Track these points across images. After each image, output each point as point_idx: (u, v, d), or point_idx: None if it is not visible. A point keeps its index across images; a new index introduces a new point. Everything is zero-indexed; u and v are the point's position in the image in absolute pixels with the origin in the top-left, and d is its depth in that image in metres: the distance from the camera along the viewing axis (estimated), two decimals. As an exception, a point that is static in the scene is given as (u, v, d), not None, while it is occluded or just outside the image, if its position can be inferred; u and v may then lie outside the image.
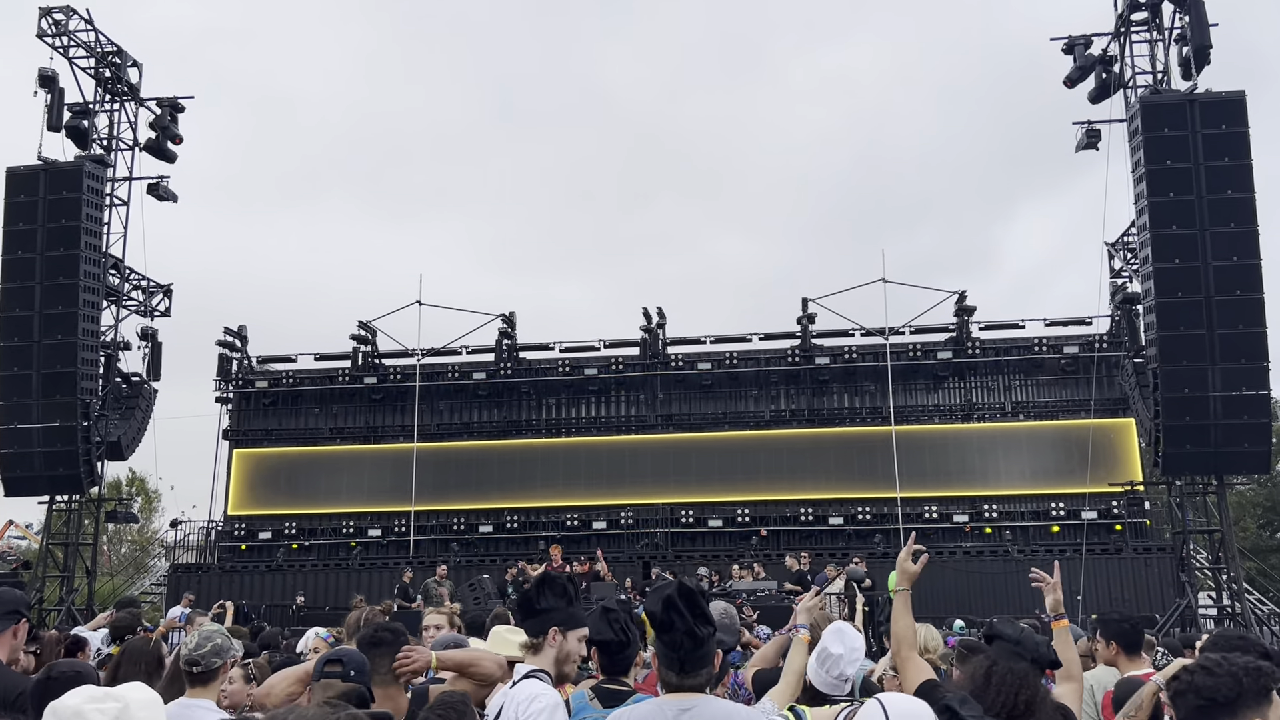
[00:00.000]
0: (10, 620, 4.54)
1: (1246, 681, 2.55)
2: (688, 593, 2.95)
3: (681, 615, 2.91)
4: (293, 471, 26.29)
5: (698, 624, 2.92)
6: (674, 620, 2.92)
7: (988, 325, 25.31)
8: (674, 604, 2.93)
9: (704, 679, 2.97)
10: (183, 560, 26.03)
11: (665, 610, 2.94)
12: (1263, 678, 2.57)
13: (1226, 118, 18.73)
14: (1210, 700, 2.53)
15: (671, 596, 2.94)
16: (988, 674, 3.43)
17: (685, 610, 2.92)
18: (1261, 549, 35.68)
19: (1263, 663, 2.68)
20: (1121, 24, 21.14)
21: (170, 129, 23.47)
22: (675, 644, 2.93)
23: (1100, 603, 20.29)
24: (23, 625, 4.67)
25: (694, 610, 2.93)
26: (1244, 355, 18.32)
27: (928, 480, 24.00)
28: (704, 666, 2.97)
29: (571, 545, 24.01)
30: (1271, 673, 2.63)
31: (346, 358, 27.04)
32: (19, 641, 4.71)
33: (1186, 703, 2.57)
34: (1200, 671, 2.61)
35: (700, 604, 2.96)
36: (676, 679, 2.96)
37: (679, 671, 2.95)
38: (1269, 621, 20.85)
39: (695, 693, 2.95)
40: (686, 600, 2.93)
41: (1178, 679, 2.65)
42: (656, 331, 25.67)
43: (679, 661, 2.94)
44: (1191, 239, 18.49)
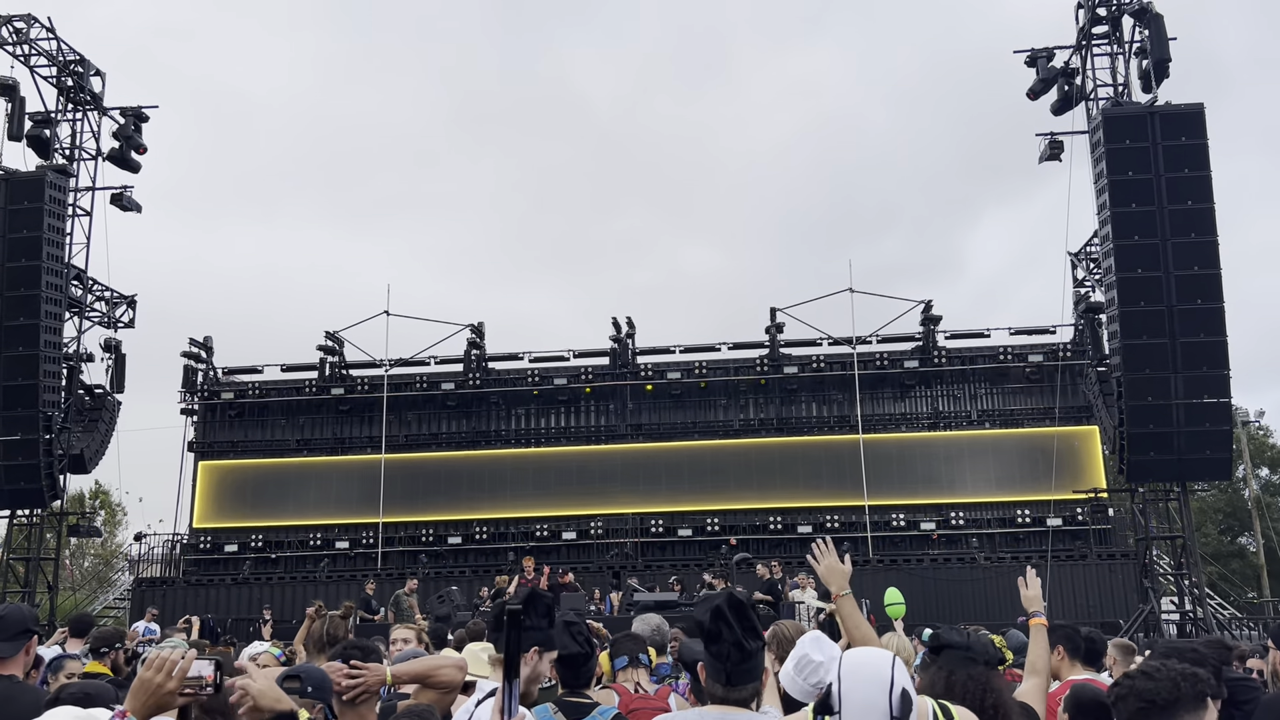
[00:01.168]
0: (23, 639, 4.50)
1: (1184, 686, 2.66)
2: (737, 604, 2.90)
3: (730, 626, 2.86)
4: (259, 484, 26.02)
5: (746, 636, 2.87)
6: (722, 631, 2.87)
7: (953, 334, 25.57)
8: (723, 614, 2.88)
9: (750, 693, 2.91)
10: (147, 574, 25.67)
11: (714, 620, 2.88)
12: (1199, 684, 2.69)
13: (1186, 130, 19.06)
14: (1149, 703, 2.65)
15: (721, 607, 2.89)
16: (948, 683, 3.47)
17: (734, 621, 2.87)
18: (1222, 554, 36.22)
19: (1199, 669, 2.80)
20: (1083, 37, 21.47)
21: (134, 138, 23.23)
22: (723, 655, 2.88)
23: (1066, 609, 20.53)
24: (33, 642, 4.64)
25: (743, 622, 2.88)
26: (1205, 363, 18.61)
27: (895, 488, 24.16)
28: (751, 680, 2.91)
29: (541, 556, 23.94)
30: (1207, 679, 2.74)
31: (313, 368, 26.83)
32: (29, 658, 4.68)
33: (1128, 706, 2.68)
34: (1140, 676, 2.72)
35: (749, 616, 2.90)
36: (723, 691, 2.90)
37: (725, 684, 2.89)
38: (1230, 625, 21.17)
39: (740, 707, 2.90)
40: (736, 611, 2.88)
41: (1119, 684, 2.76)
42: (626, 341, 25.69)
43: (726, 673, 2.89)
44: (1153, 249, 18.77)
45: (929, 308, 25.20)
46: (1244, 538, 37.66)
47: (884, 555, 23.27)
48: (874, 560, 22.95)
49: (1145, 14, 20.00)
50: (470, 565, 24.46)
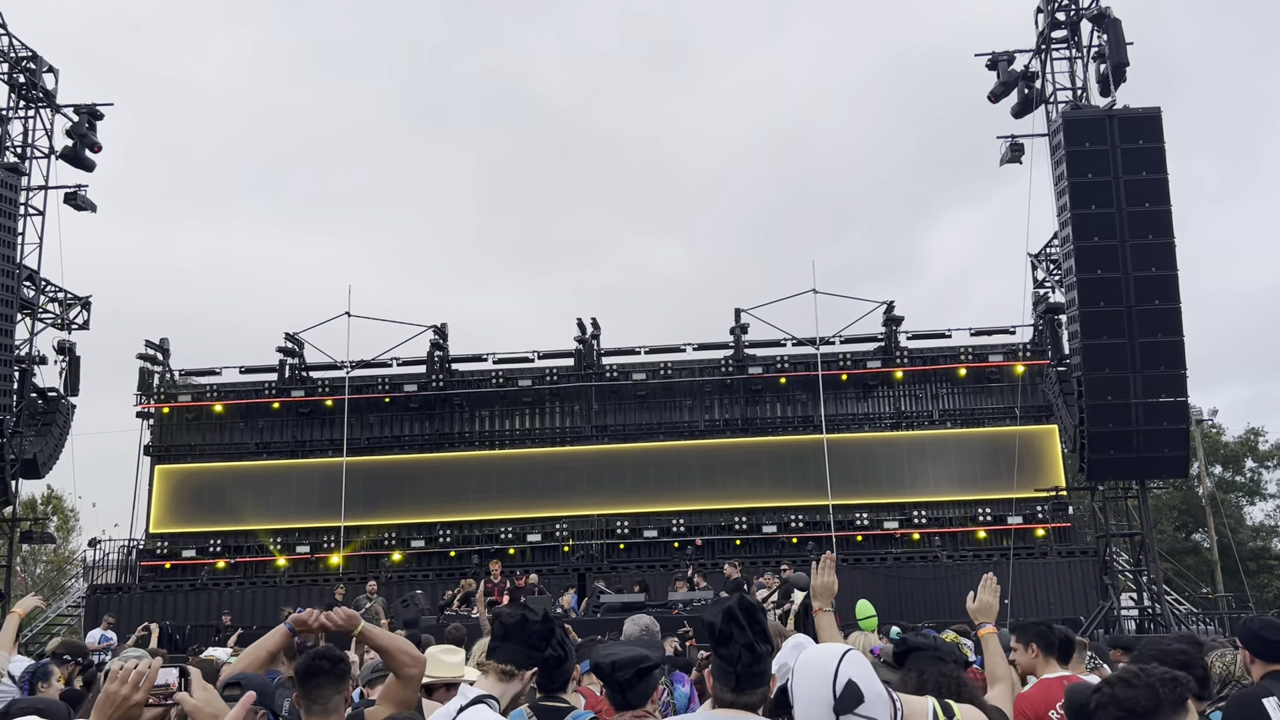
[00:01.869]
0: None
1: (1164, 692, 2.64)
2: (748, 607, 2.87)
3: (742, 629, 2.83)
4: (217, 488, 25.60)
5: (757, 640, 2.85)
6: (733, 633, 2.84)
7: (915, 335, 25.77)
8: (734, 616, 2.84)
9: (758, 698, 2.88)
10: (102, 581, 25.17)
11: (725, 622, 2.85)
12: (1179, 688, 2.67)
13: (1143, 133, 19.37)
14: (1129, 711, 2.62)
15: (732, 609, 2.85)
16: (920, 683, 3.46)
17: (745, 624, 2.84)
18: (1178, 551, 36.86)
19: (1178, 673, 2.78)
20: (1042, 41, 21.75)
21: (88, 136, 22.79)
22: (733, 658, 2.84)
23: (1027, 606, 20.77)
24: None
25: (754, 625, 2.86)
26: (1163, 363, 18.92)
27: (859, 488, 24.30)
28: (760, 685, 2.88)
29: (506, 559, 23.82)
30: (1187, 682, 2.72)
31: (273, 370, 26.46)
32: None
33: (1108, 714, 2.66)
34: (1120, 684, 2.70)
35: (761, 619, 2.87)
36: (731, 695, 2.87)
37: (734, 688, 2.86)
38: (1187, 620, 21.51)
39: (748, 711, 2.87)
40: (747, 614, 2.86)
41: (1099, 691, 2.74)
42: (591, 342, 25.61)
43: (735, 677, 2.85)
44: (1112, 250, 19.05)
45: (891, 308, 25.39)
46: (1198, 534, 38.36)
47: (848, 555, 23.37)
48: (838, 559, 23.00)
49: (1103, 19, 20.31)
50: (434, 569, 24.25)
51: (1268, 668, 4.89)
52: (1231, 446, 39.84)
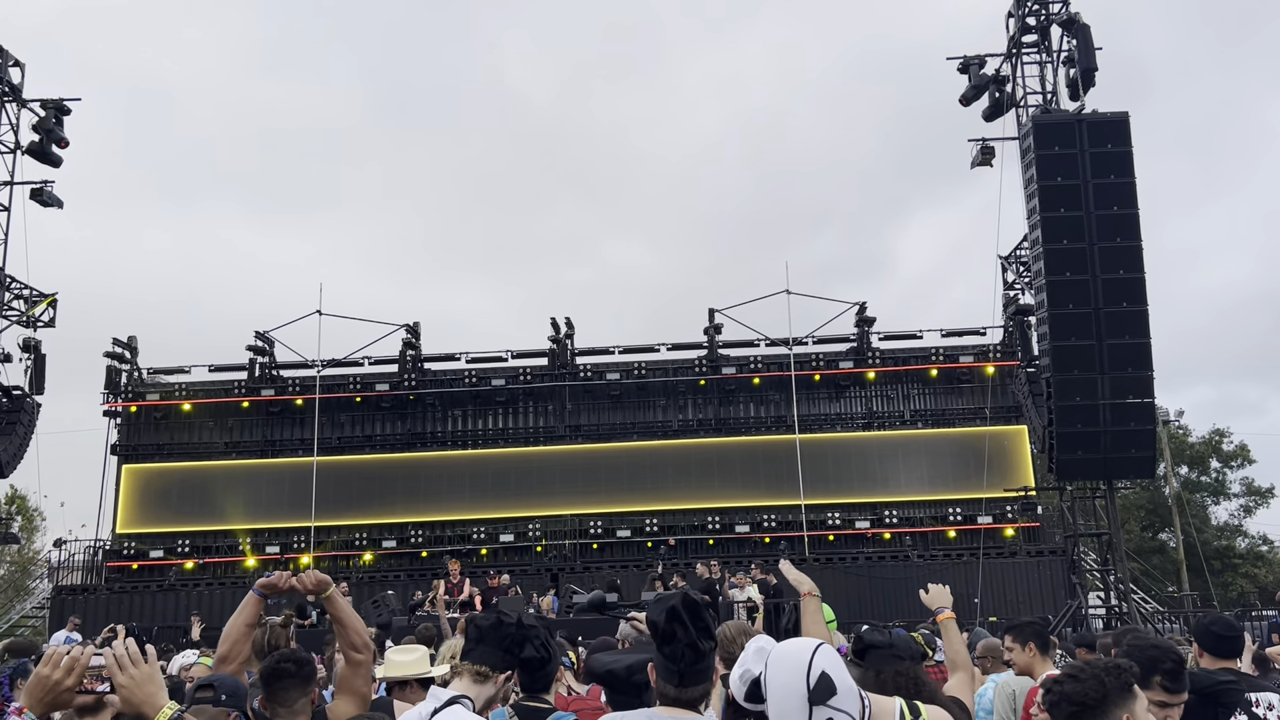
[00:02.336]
0: None
1: (1109, 682, 2.72)
2: (692, 604, 2.90)
3: (685, 627, 2.86)
4: (186, 487, 25.33)
5: (700, 637, 2.87)
6: (676, 631, 2.86)
7: (887, 335, 25.93)
8: (678, 615, 2.87)
9: (700, 693, 2.92)
10: (67, 582, 24.85)
11: (669, 621, 2.88)
12: (1123, 675, 2.76)
13: (1112, 137, 19.58)
14: (1081, 705, 2.70)
15: (676, 607, 2.88)
16: (878, 681, 3.50)
17: (689, 622, 2.87)
18: (1144, 550, 37.30)
19: (1120, 660, 2.90)
20: (1013, 46, 21.95)
21: (55, 131, 22.47)
22: (676, 656, 2.87)
23: (997, 605, 20.96)
24: None
25: (697, 622, 2.88)
26: (1130, 364, 19.13)
27: (831, 487, 24.42)
28: (703, 681, 2.91)
29: (478, 560, 23.76)
30: (1130, 668, 2.82)
31: (243, 369, 26.23)
32: None
33: (1061, 711, 2.74)
34: (1068, 680, 2.78)
35: (704, 616, 2.91)
36: (675, 691, 2.90)
37: (678, 685, 2.89)
38: (1153, 619, 21.78)
39: (690, 709, 2.90)
40: (691, 611, 2.88)
41: (1050, 690, 2.82)
42: (565, 342, 25.58)
43: (678, 674, 2.88)
44: (1081, 253, 19.25)
45: (863, 309, 25.54)
46: (1165, 534, 38.83)
47: (820, 554, 23.50)
48: (810, 559, 23.15)
49: (1073, 24, 20.53)
50: (405, 569, 24.13)
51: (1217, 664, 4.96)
52: (1197, 447, 40.36)
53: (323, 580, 4.03)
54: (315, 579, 4.02)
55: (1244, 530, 39.96)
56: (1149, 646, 3.85)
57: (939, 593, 4.60)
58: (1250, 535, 39.98)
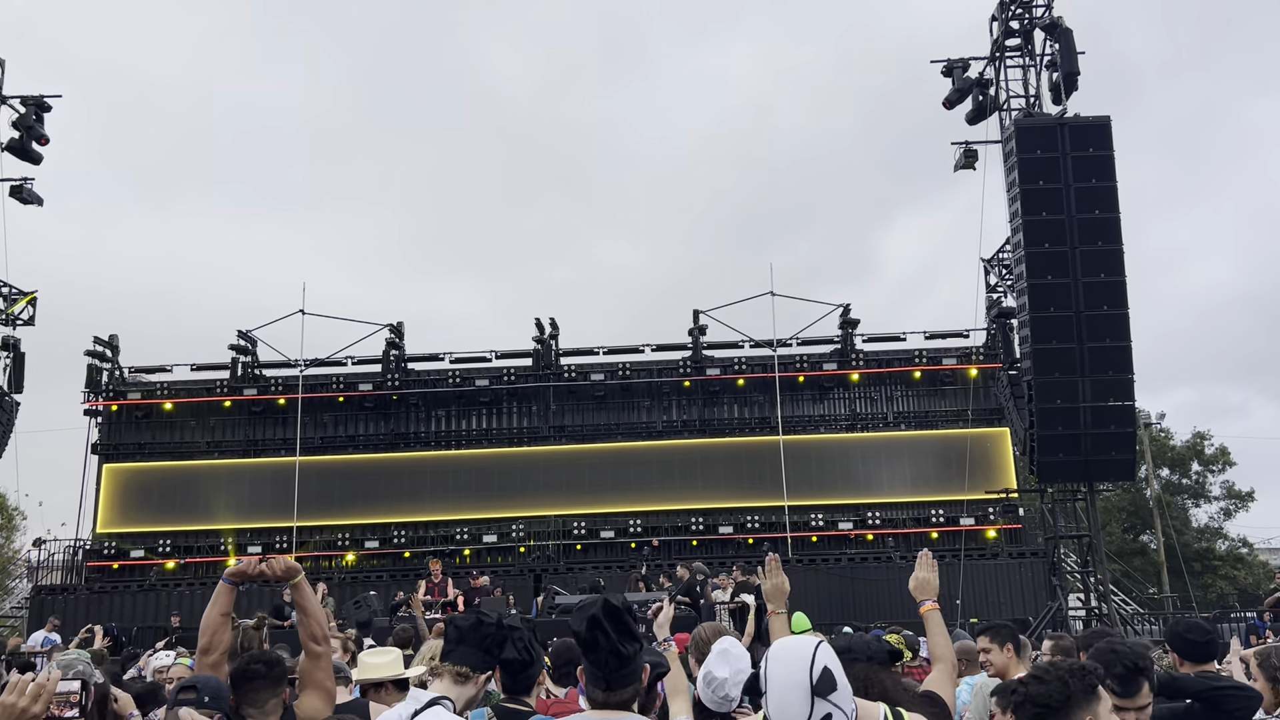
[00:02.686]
0: None
1: (1073, 684, 2.74)
2: (613, 610, 2.94)
3: (606, 634, 2.91)
4: (167, 487, 25.20)
5: (623, 641, 2.92)
6: (598, 639, 2.91)
7: (871, 337, 26.02)
8: (599, 622, 2.92)
9: (629, 695, 2.99)
10: (47, 581, 24.67)
11: (590, 629, 2.93)
12: (1087, 677, 2.78)
13: (1093, 141, 19.70)
14: (1045, 706, 2.72)
15: (596, 615, 2.94)
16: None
17: (610, 628, 2.91)
18: (1126, 552, 37.50)
19: (1086, 663, 2.94)
20: (997, 50, 22.05)
21: (35, 128, 22.30)
22: (600, 662, 2.94)
23: (978, 607, 21.03)
24: None
25: (619, 628, 2.92)
26: (1111, 368, 19.25)
27: (814, 489, 24.47)
28: (629, 684, 2.98)
29: (461, 560, 23.71)
30: (1095, 670, 2.85)
31: (225, 368, 26.11)
32: None
33: (1025, 713, 2.76)
34: (1033, 682, 2.80)
35: (626, 621, 2.95)
36: (603, 696, 2.98)
37: (605, 689, 2.96)
38: (1133, 621, 21.91)
39: (621, 710, 2.96)
40: (612, 618, 2.92)
41: (1014, 691, 2.84)
42: (549, 342, 25.55)
43: (604, 680, 2.96)
44: (1063, 256, 19.35)
45: (847, 311, 25.61)
46: (1146, 536, 39.05)
47: (803, 555, 23.55)
48: (793, 560, 23.19)
49: (1055, 29, 20.64)
50: (388, 570, 24.05)
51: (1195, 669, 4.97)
52: (1178, 450, 40.60)
53: (292, 567, 4.04)
54: (284, 565, 4.03)
55: (1224, 533, 40.24)
56: (1108, 650, 3.85)
57: (923, 581, 4.37)
58: (1230, 538, 40.26)
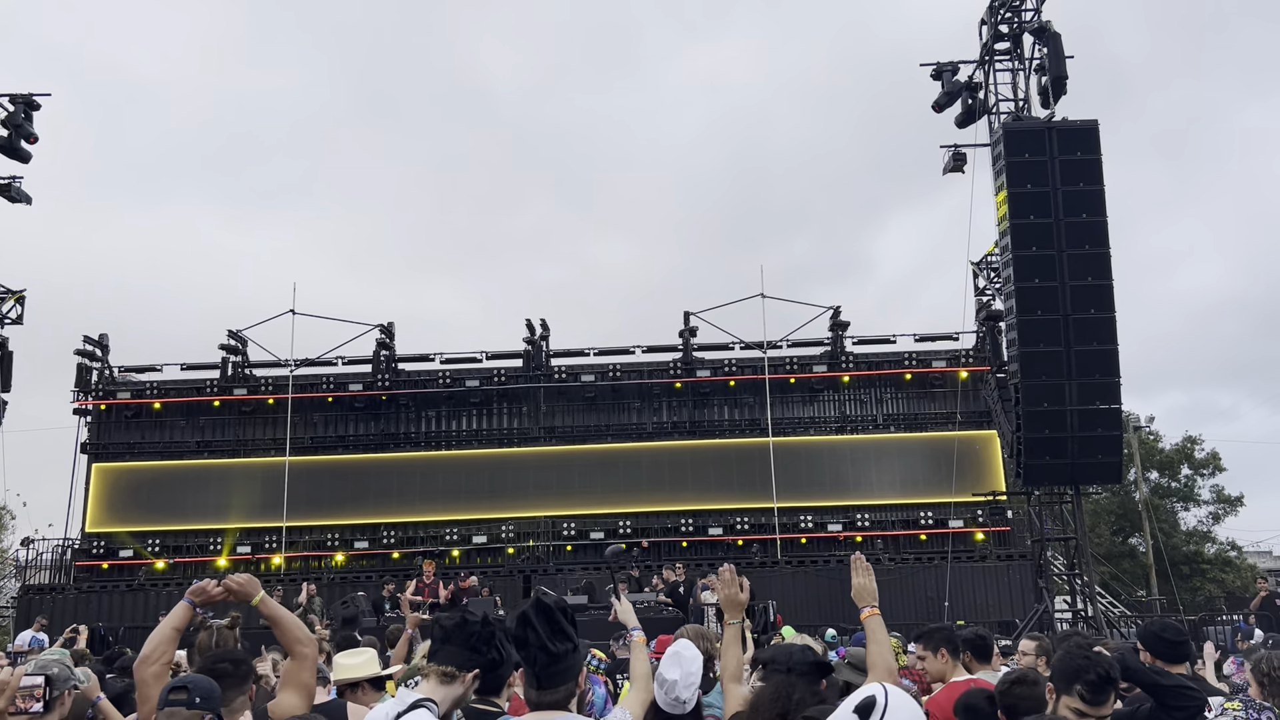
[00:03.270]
0: None
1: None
2: (544, 609, 2.97)
3: (535, 631, 2.93)
4: (156, 486, 25.16)
5: (554, 640, 2.94)
6: (529, 636, 2.93)
7: (861, 340, 26.08)
8: (529, 620, 2.95)
9: (564, 695, 3.00)
10: (35, 581, 24.63)
11: (520, 626, 2.97)
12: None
13: (1082, 145, 19.77)
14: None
15: (527, 613, 2.98)
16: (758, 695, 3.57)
17: (539, 626, 2.93)
18: (1114, 554, 37.63)
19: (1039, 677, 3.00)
20: (986, 53, 22.12)
21: (24, 126, 22.25)
22: (531, 660, 2.97)
23: (966, 609, 21.12)
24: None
25: (550, 626, 2.94)
26: (1098, 371, 19.32)
27: (803, 490, 24.52)
28: (562, 683, 2.99)
29: (451, 560, 23.72)
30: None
31: (215, 368, 26.09)
32: None
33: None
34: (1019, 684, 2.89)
35: (558, 619, 2.97)
36: (535, 695, 3.00)
37: (536, 688, 2.99)
38: (1120, 623, 21.98)
39: (555, 709, 2.97)
40: (542, 616, 2.95)
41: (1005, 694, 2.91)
42: (540, 343, 25.58)
43: (535, 678, 2.98)
44: (1050, 260, 19.42)
45: (837, 313, 25.68)
46: (1135, 539, 39.18)
47: (792, 556, 23.61)
48: (782, 561, 23.27)
49: (1044, 33, 20.71)
50: (378, 570, 24.04)
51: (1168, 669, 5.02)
52: (1167, 453, 40.75)
53: (250, 581, 4.05)
54: (241, 581, 4.04)
55: (1213, 536, 40.38)
56: (1080, 655, 3.88)
57: (861, 587, 4.28)
58: (1219, 541, 40.41)
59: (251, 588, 4.01)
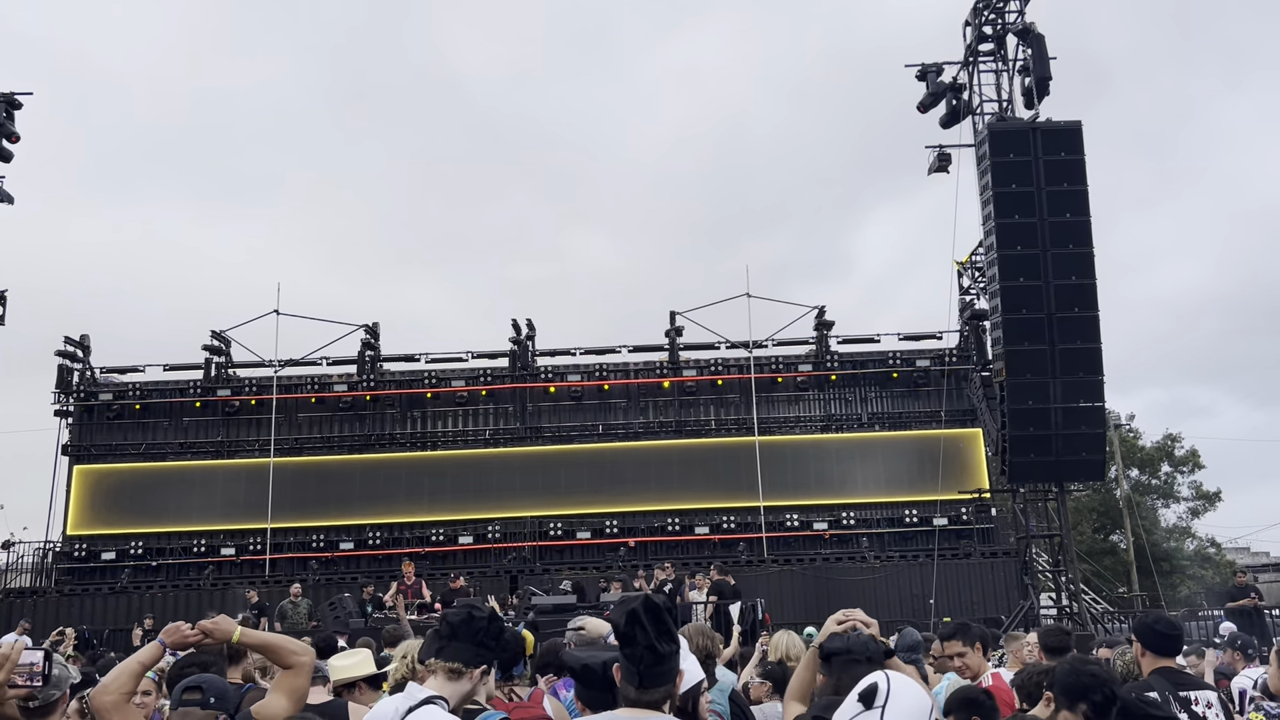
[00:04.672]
0: None
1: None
2: (653, 607, 2.94)
3: (644, 629, 2.90)
4: (139, 488, 24.98)
5: (660, 640, 2.91)
6: (636, 634, 2.91)
7: (846, 339, 26.19)
8: (638, 618, 2.92)
9: (662, 695, 2.96)
10: (16, 584, 24.42)
11: (629, 624, 2.92)
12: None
13: (1065, 145, 19.94)
14: None
15: (636, 610, 2.93)
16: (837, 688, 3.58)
17: (649, 624, 2.91)
18: (1096, 552, 37.92)
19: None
20: (970, 54, 22.25)
21: (6, 126, 22.07)
22: (636, 658, 2.92)
23: (951, 606, 21.23)
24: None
25: (658, 625, 2.92)
26: (1081, 369, 19.48)
27: (789, 489, 24.60)
28: (663, 683, 2.95)
29: (437, 561, 23.67)
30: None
31: (198, 369, 25.93)
32: None
33: None
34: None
35: (665, 619, 2.95)
36: (635, 693, 2.94)
37: (637, 686, 2.94)
38: (1103, 619, 22.16)
39: (652, 709, 2.94)
40: (651, 614, 2.93)
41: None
42: (526, 343, 25.56)
43: (638, 676, 2.93)
44: (1034, 259, 19.57)
45: (822, 313, 25.78)
46: (1116, 535, 39.50)
47: (778, 555, 23.68)
48: (769, 560, 23.34)
49: (1028, 34, 20.88)
50: (363, 571, 23.93)
51: (1157, 662, 5.07)
52: (1148, 451, 41.10)
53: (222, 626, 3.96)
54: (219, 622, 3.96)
55: (1192, 532, 40.77)
56: (1086, 674, 3.88)
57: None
58: (1199, 537, 40.80)
59: (227, 626, 3.94)
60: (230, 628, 3.88)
